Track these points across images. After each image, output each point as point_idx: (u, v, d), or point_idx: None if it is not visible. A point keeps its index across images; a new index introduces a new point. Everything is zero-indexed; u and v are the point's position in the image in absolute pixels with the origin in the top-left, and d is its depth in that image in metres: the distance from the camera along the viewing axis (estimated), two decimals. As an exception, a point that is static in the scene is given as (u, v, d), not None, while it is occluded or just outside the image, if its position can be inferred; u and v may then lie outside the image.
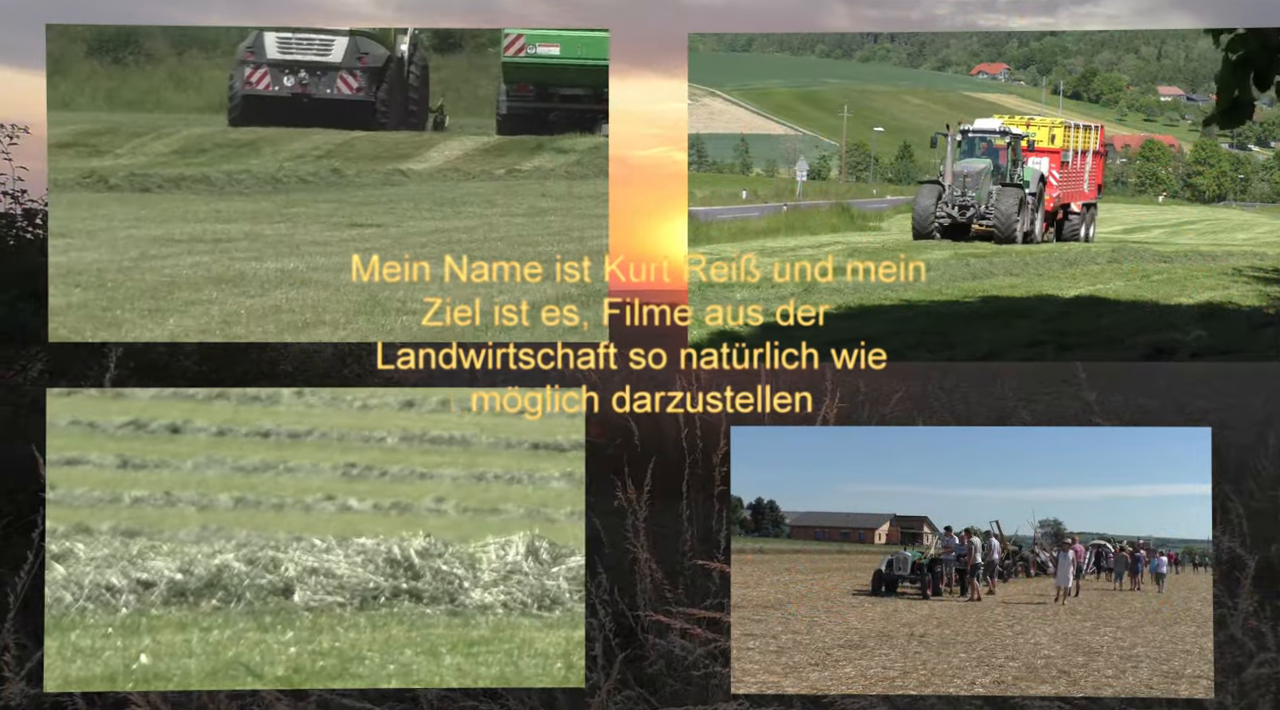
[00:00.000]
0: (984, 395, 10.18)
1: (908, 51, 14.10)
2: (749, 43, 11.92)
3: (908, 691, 4.56)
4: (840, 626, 5.02)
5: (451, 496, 5.98)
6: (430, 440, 6.44)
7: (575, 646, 4.75)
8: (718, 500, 5.78)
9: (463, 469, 6.30)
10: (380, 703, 4.77)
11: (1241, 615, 4.78)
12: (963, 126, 10.95)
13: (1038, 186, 10.51)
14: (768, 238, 9.48)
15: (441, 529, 5.46)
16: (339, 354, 8.82)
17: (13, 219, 8.09)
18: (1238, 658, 4.72)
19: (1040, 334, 6.40)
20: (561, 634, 4.84)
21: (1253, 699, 4.61)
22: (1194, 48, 12.62)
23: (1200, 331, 6.35)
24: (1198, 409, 10.85)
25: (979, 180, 10.29)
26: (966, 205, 10.08)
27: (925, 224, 9.97)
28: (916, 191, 10.38)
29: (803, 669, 4.56)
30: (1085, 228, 10.69)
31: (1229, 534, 5.16)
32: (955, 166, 10.53)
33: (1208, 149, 11.65)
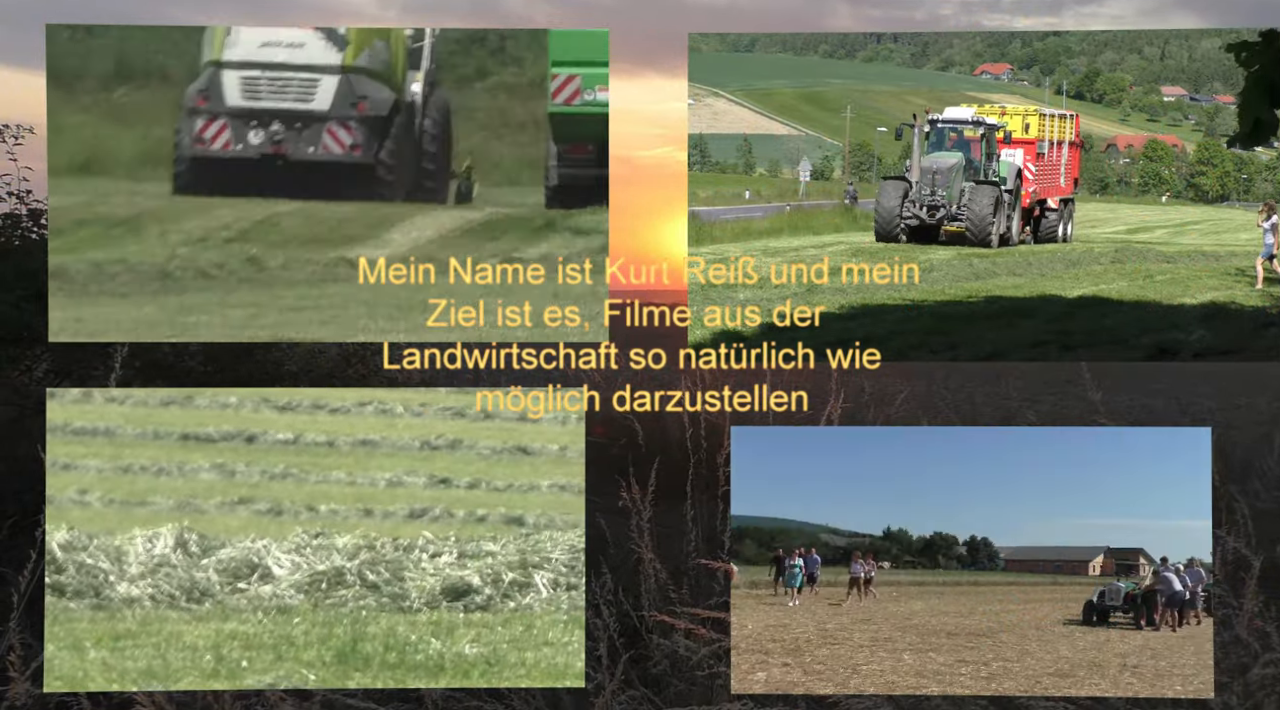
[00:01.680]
0: (989, 395, 10.12)
1: (911, 52, 14.10)
2: (752, 43, 11.90)
3: (915, 692, 4.57)
4: (1051, 655, 4.93)
5: (95, 488, 5.86)
6: (74, 432, 6.30)
7: (226, 640, 4.71)
8: (721, 500, 5.78)
9: (107, 461, 6.15)
10: (384, 702, 4.78)
11: (1246, 616, 4.77)
12: (931, 116, 10.07)
13: (1014, 182, 9.61)
14: (770, 238, 9.47)
15: (85, 522, 5.32)
16: (344, 354, 8.80)
17: (18, 219, 8.09)
18: (1243, 658, 4.71)
19: (1044, 334, 6.40)
20: (212, 626, 4.81)
21: (1258, 699, 4.60)
22: (1197, 48, 12.62)
23: (1203, 331, 6.35)
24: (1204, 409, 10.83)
25: (950, 177, 9.44)
26: (936, 205, 9.21)
27: (889, 226, 9.12)
28: (879, 189, 9.49)
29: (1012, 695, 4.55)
30: (1063, 226, 9.80)
31: (1234, 534, 5.16)
32: (923, 161, 9.61)
33: (1211, 149, 11.63)
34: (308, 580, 5.05)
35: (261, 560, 5.13)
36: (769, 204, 10.93)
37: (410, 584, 5.09)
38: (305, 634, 4.78)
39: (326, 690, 4.62)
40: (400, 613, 4.97)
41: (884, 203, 9.22)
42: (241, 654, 4.65)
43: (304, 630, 4.81)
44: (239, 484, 6.04)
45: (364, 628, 4.85)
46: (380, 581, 5.08)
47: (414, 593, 5.04)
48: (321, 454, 6.59)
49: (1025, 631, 5.14)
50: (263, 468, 6.21)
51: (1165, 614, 5.03)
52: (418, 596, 5.03)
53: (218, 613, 4.90)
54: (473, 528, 5.65)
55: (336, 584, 5.06)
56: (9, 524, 5.94)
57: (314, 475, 6.31)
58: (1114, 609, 5.27)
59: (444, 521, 5.76)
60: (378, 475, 6.42)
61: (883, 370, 5.51)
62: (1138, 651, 4.91)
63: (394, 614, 4.97)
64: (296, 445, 6.51)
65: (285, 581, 5.05)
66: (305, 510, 5.85)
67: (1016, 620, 5.24)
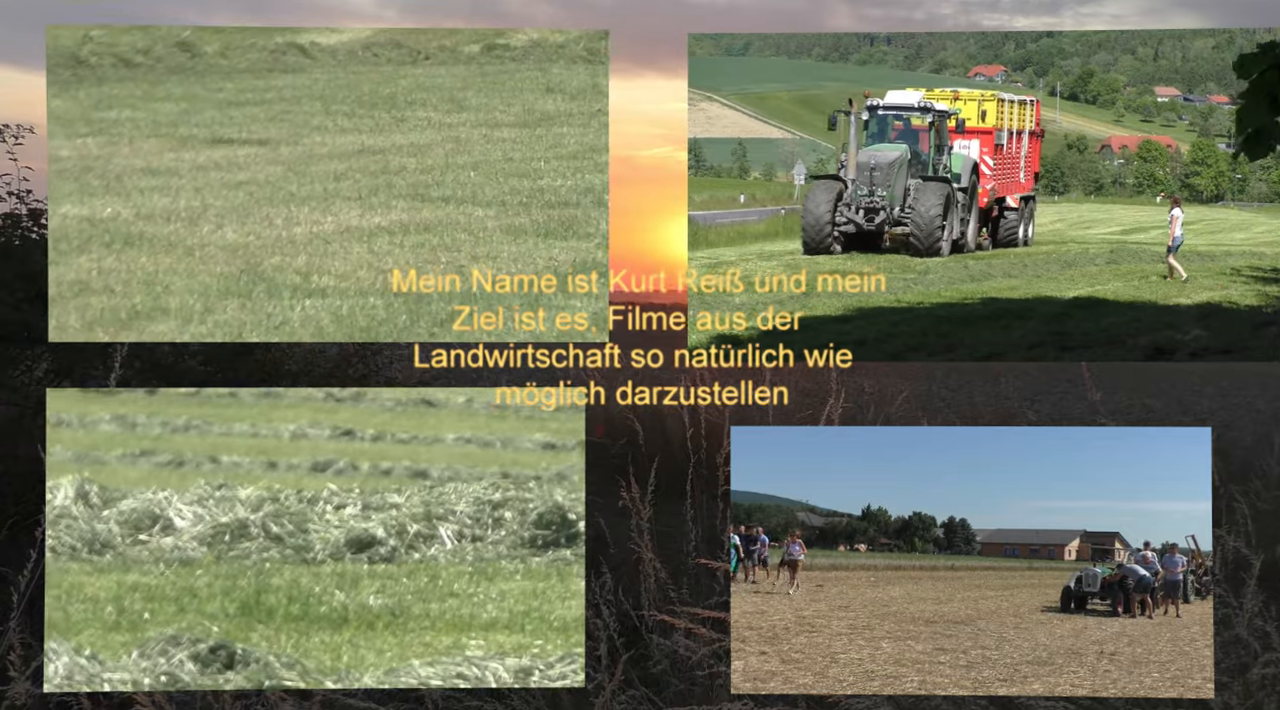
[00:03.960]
0: (989, 396, 10.02)
1: (905, 54, 14.10)
2: (746, 46, 11.90)
3: (914, 692, 4.57)
4: (1029, 643, 4.91)
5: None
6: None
7: (128, 591, 4.68)
8: (721, 500, 5.78)
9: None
10: (385, 703, 4.78)
11: (1247, 615, 4.79)
12: (871, 101, 8.78)
13: (969, 178, 8.31)
14: (766, 241, 9.46)
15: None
16: (343, 355, 8.80)
17: (18, 219, 8.07)
18: (1243, 658, 4.73)
19: (1040, 335, 6.41)
20: (113, 578, 4.81)
21: (1258, 699, 4.62)
22: (1190, 48, 12.64)
23: (1199, 331, 6.36)
24: (1204, 409, 10.83)
25: (891, 173, 8.12)
26: (875, 207, 7.87)
27: (819, 235, 7.78)
28: (808, 191, 8.22)
29: (991, 684, 4.53)
30: (1023, 227, 8.64)
31: (1234, 534, 5.17)
32: (860, 155, 8.33)
33: (1205, 149, 11.65)
34: (210, 532, 5.04)
35: (163, 512, 5.11)
36: (764, 208, 10.90)
37: (314, 536, 5.07)
38: (208, 586, 4.76)
39: (326, 690, 4.61)
40: (304, 565, 4.95)
41: (812, 208, 7.95)
42: (144, 606, 4.63)
43: (207, 582, 4.79)
44: (140, 437, 5.97)
45: (268, 580, 4.84)
46: (284, 533, 5.06)
47: (318, 545, 5.03)
48: (224, 405, 6.51)
49: (1004, 619, 5.16)
50: (164, 419, 6.15)
51: (1136, 601, 5.04)
52: (322, 548, 5.01)
53: (119, 564, 4.89)
54: (377, 481, 5.61)
55: (240, 536, 5.05)
56: (9, 524, 5.93)
57: (217, 427, 6.24)
58: (1091, 595, 5.28)
59: (348, 474, 5.72)
60: (281, 427, 6.35)
61: (883, 370, 5.51)
62: (1114, 639, 4.93)
63: (298, 566, 4.95)
64: (199, 398, 6.44)
65: (187, 533, 5.04)
66: (208, 462, 5.79)
67: (995, 607, 5.25)
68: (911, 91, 8.76)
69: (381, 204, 5.21)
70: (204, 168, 5.75)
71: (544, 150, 5.95)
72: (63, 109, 4.84)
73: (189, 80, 6.27)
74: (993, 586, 5.41)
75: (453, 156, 5.89)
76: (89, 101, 6.04)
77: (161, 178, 5.71)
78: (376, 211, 5.16)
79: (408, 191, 5.25)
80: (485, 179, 5.67)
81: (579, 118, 4.77)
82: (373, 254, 4.85)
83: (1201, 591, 5.04)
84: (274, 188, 5.16)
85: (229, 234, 5.02)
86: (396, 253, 4.81)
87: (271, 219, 5.03)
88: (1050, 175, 11.33)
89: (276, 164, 5.77)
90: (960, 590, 5.34)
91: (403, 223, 5.08)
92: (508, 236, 5.14)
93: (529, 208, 5.28)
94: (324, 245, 4.92)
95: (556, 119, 6.27)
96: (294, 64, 6.38)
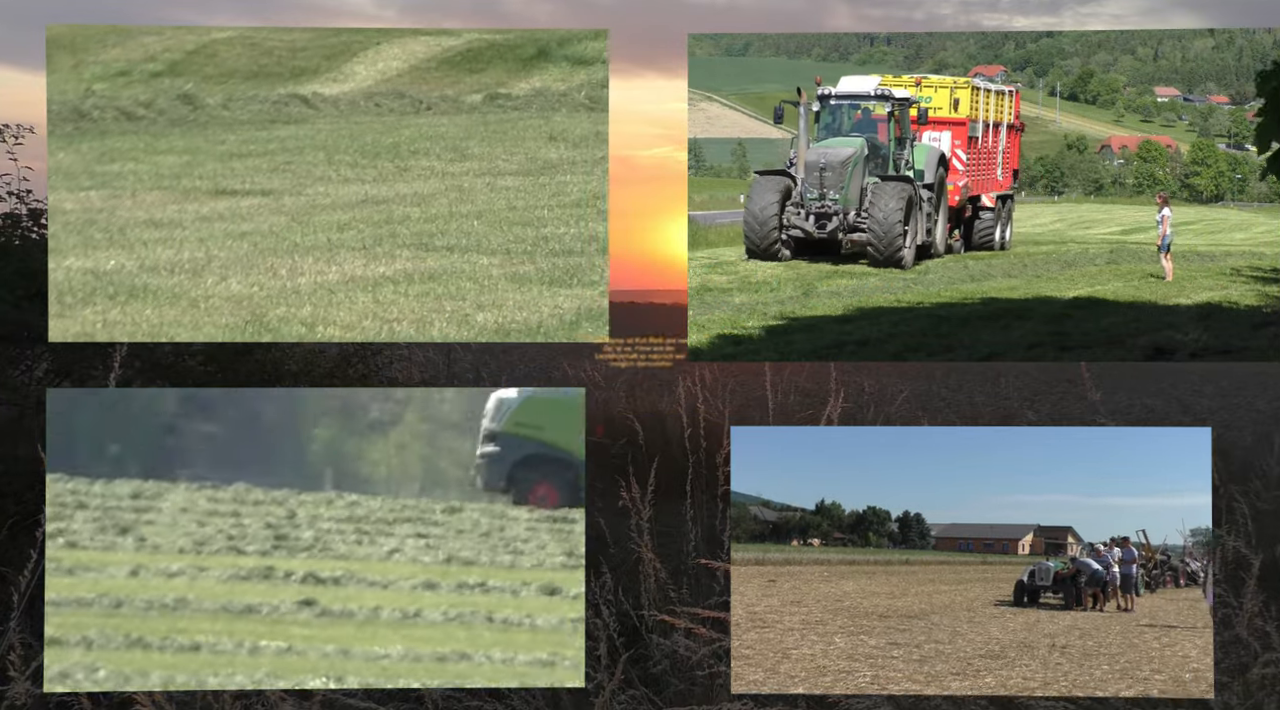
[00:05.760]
0: (989, 396, 10.01)
1: (904, 54, 14.10)
2: (746, 46, 11.89)
3: (915, 692, 4.57)
4: (981, 637, 4.93)
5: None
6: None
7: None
8: (721, 500, 5.79)
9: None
10: (385, 702, 4.78)
11: (1247, 615, 4.79)
12: (823, 89, 7.86)
13: (935, 174, 7.42)
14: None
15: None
16: (344, 354, 8.80)
17: (18, 219, 8.07)
18: (1243, 658, 4.73)
19: (1040, 335, 6.41)
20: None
21: (1258, 699, 4.62)
22: (1190, 48, 12.64)
23: (1199, 332, 6.36)
24: (1204, 409, 10.83)
25: (844, 173, 7.17)
26: (827, 212, 6.96)
27: (763, 239, 6.87)
28: (749, 187, 7.34)
29: (944, 678, 4.55)
30: (999, 229, 7.83)
31: (1234, 534, 5.18)
32: (810, 153, 7.39)
33: (1205, 149, 11.65)
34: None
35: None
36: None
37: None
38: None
39: (327, 690, 4.61)
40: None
41: (754, 208, 7.06)
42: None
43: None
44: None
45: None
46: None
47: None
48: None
49: (957, 613, 5.15)
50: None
51: (1089, 595, 5.07)
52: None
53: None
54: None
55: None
56: (9, 524, 5.94)
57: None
58: (1044, 589, 5.30)
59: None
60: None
61: (883, 370, 5.51)
62: (1065, 632, 4.93)
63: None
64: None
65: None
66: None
67: (948, 601, 5.25)
68: (868, 77, 7.96)
69: (386, 253, 5.20)
70: (208, 219, 5.77)
71: (547, 198, 5.94)
72: (66, 162, 4.83)
73: (191, 132, 6.27)
74: (946, 581, 5.41)
75: (456, 205, 5.94)
76: (91, 154, 6.06)
77: (165, 229, 5.72)
78: (381, 261, 5.16)
79: (412, 241, 5.24)
80: (489, 228, 5.66)
81: (582, 165, 4.70)
82: (377, 303, 4.82)
83: (1151, 585, 5.09)
84: (278, 238, 5.15)
85: (234, 285, 4.98)
86: (401, 302, 4.79)
87: (276, 269, 5.00)
88: (1050, 175, 11.31)
89: (280, 214, 5.80)
90: (914, 585, 5.33)
91: (407, 272, 5.06)
92: (512, 285, 5.10)
93: (533, 256, 5.26)
94: (329, 295, 4.88)
95: (559, 167, 6.25)
96: (297, 114, 6.41)
